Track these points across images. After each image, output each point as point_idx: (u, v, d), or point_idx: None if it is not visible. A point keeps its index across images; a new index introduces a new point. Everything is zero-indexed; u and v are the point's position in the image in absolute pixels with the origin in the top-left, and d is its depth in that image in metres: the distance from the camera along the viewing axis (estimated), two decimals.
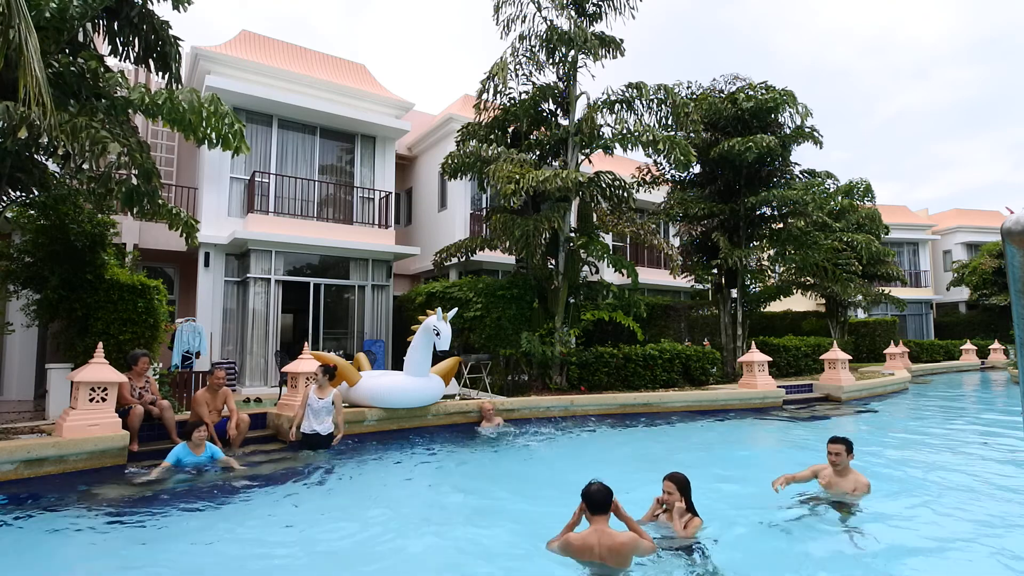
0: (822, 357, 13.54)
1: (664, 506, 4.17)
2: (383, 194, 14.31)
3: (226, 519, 4.78)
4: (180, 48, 8.19)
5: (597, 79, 26.74)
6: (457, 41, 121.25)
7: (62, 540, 4.31)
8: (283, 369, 8.25)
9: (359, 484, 6.03)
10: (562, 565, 3.58)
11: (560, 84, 12.00)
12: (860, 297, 19.64)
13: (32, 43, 4.14)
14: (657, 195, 17.47)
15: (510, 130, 12.67)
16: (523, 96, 11.99)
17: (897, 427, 10.02)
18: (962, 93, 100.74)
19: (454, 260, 13.31)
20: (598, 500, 3.49)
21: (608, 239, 17.98)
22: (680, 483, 4.18)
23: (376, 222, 14.09)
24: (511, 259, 14.16)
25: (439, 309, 8.34)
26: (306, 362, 7.87)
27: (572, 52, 11.49)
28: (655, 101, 11.59)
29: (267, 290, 12.21)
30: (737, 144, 13.05)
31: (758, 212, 14.81)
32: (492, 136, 12.50)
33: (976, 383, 17.77)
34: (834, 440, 5.05)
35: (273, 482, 5.81)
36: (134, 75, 14.13)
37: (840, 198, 18.46)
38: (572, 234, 12.22)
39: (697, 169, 15.40)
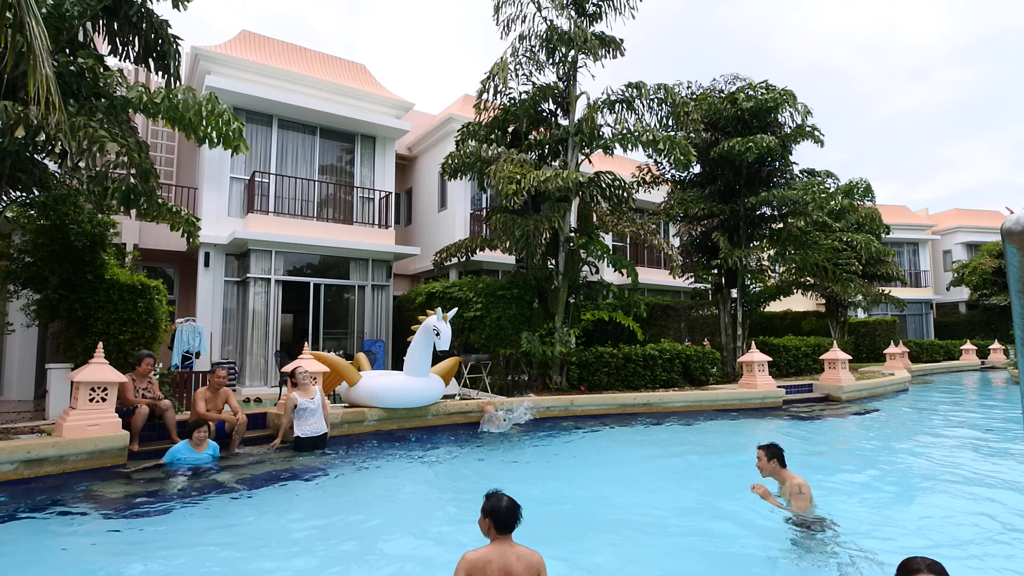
0: (822, 357, 13.53)
1: None
2: (383, 194, 14.31)
3: (225, 519, 4.78)
4: (179, 47, 8.18)
5: (597, 79, 26.79)
6: (457, 41, 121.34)
7: (61, 540, 4.30)
8: (283, 369, 8.25)
9: (359, 485, 6.02)
10: None
11: (560, 84, 11.99)
12: (860, 297, 19.62)
13: (44, 43, 4.11)
14: (657, 195, 17.47)
15: (510, 130, 12.66)
16: (523, 96, 11.98)
17: (897, 427, 10.01)
18: (961, 93, 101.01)
19: (454, 260, 13.30)
20: (508, 518, 2.91)
21: (608, 239, 17.98)
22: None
23: (376, 222, 14.09)
24: (511, 259, 14.15)
25: (439, 309, 8.34)
26: (306, 362, 7.87)
27: (572, 52, 11.48)
28: (655, 101, 11.59)
29: (267, 290, 12.20)
30: (737, 144, 13.04)
31: (758, 212, 14.81)
32: (492, 136, 12.49)
33: (976, 383, 17.76)
34: (759, 446, 4.70)
35: (272, 482, 5.80)
36: (134, 75, 14.13)
37: (840, 198, 18.46)
38: (572, 234, 12.21)
39: (697, 169, 15.40)
